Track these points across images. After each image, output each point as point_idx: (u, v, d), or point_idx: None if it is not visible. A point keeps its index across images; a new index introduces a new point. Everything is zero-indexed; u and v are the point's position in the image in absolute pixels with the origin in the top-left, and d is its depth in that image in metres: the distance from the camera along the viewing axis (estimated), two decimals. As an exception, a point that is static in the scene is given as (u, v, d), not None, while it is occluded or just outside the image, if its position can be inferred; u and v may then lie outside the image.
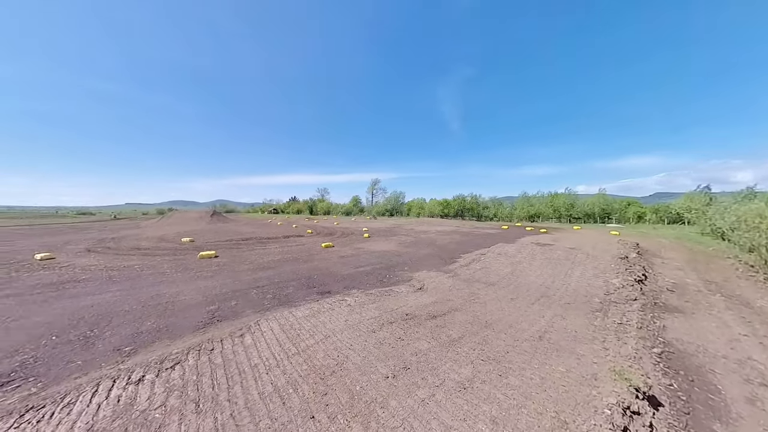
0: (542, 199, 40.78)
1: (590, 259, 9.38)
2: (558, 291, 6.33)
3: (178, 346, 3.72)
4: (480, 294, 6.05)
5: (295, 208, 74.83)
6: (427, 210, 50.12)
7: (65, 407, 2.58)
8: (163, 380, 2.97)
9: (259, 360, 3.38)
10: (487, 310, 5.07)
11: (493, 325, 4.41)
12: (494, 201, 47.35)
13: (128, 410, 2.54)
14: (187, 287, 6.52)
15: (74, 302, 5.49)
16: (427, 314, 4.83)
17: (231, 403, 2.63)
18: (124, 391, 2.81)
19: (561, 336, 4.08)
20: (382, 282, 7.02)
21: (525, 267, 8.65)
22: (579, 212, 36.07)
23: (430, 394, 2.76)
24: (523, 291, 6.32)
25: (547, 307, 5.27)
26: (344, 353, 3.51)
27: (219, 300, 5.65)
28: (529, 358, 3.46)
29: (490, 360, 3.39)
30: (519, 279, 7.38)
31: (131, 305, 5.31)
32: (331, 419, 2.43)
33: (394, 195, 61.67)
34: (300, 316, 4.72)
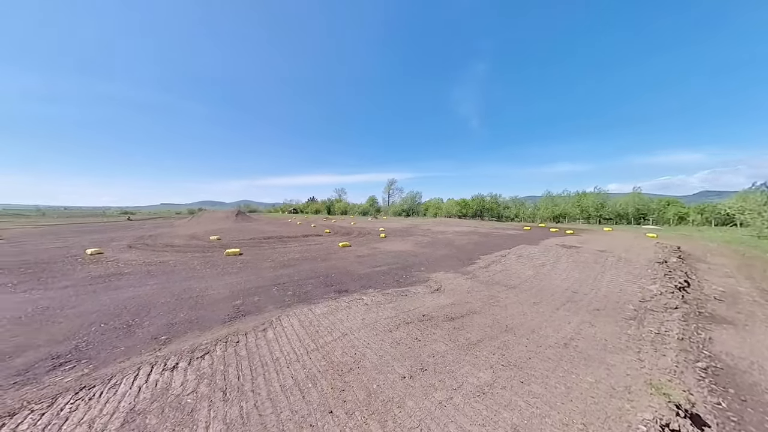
0: (568, 198, 38.52)
1: (623, 263, 8.72)
2: (586, 296, 5.96)
3: (207, 338, 3.97)
4: (500, 297, 5.85)
5: (314, 208, 76.88)
6: (444, 210, 49.28)
7: (112, 388, 2.85)
8: (194, 368, 3.19)
9: (280, 354, 3.51)
10: (507, 314, 4.89)
11: (514, 330, 4.25)
12: (515, 201, 45.47)
13: (164, 394, 2.76)
14: (214, 282, 6.94)
15: (118, 294, 6.04)
16: (445, 316, 4.75)
17: (255, 393, 2.77)
18: (160, 376, 3.05)
19: (589, 344, 3.84)
20: (399, 282, 7.01)
21: (549, 270, 8.23)
22: (610, 213, 33.61)
23: (448, 397, 2.72)
24: (547, 295, 6.03)
25: (574, 313, 4.98)
26: (361, 351, 3.56)
27: (243, 295, 5.95)
28: (554, 365, 3.29)
29: (510, 366, 3.27)
30: (542, 282, 7.04)
31: (166, 298, 5.75)
32: (349, 415, 2.48)
33: (411, 195, 61.33)
34: (318, 313, 4.85)
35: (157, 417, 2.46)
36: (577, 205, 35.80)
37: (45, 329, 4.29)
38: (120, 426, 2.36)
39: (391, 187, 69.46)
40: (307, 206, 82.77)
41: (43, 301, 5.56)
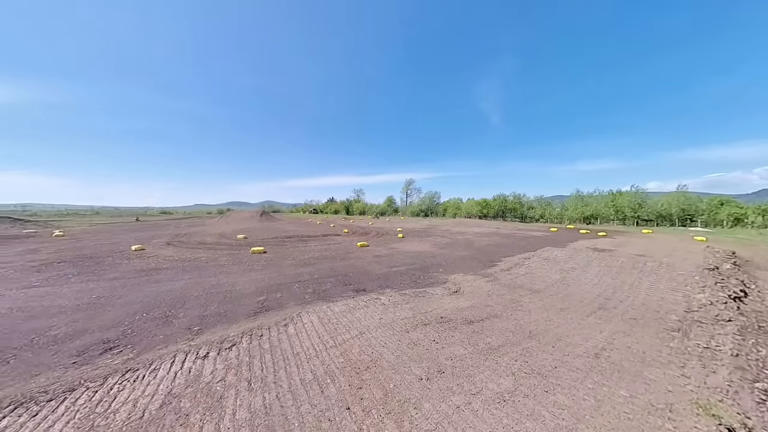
0: (600, 198, 35.79)
1: (665, 269, 7.94)
2: (621, 304, 5.51)
3: (234, 330, 4.22)
4: (523, 301, 5.59)
5: (333, 209, 78.64)
6: (464, 210, 48.06)
7: (152, 372, 3.13)
8: (222, 358, 3.41)
9: (300, 349, 3.64)
10: (531, 320, 4.66)
11: (539, 336, 4.04)
12: (541, 201, 43.18)
13: (197, 380, 2.98)
14: (241, 278, 7.35)
15: (158, 286, 6.62)
16: (463, 319, 4.64)
17: (276, 385, 2.90)
18: (193, 364, 3.29)
19: (624, 356, 3.55)
20: (416, 283, 6.96)
21: (578, 274, 7.72)
22: (650, 213, 30.70)
23: (466, 402, 2.65)
24: (575, 301, 5.66)
25: (606, 321, 4.63)
26: (378, 350, 3.58)
27: (267, 291, 6.24)
28: (582, 376, 3.09)
29: (534, 373, 3.12)
30: (570, 287, 6.62)
31: (198, 292, 6.20)
32: (366, 413, 2.51)
33: (429, 195, 60.58)
34: (337, 311, 4.95)
35: (191, 401, 2.66)
36: (611, 204, 33.08)
37: (98, 316, 4.81)
38: (159, 407, 2.59)
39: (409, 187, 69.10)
40: (326, 206, 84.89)
41: (96, 290, 6.24)
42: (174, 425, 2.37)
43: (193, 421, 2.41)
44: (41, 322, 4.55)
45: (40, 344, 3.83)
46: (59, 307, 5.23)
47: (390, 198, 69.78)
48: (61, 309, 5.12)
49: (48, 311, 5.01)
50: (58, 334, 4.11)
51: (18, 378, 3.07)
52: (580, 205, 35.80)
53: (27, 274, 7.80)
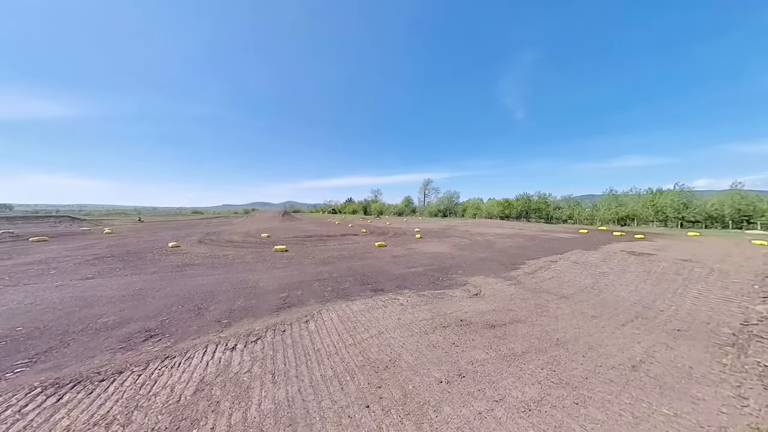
0: (638, 197, 32.89)
1: (716, 276, 7.13)
2: (662, 313, 5.04)
3: (259, 324, 4.43)
4: (549, 307, 5.30)
5: (351, 209, 79.79)
6: (484, 210, 46.55)
7: (187, 360, 3.38)
8: (249, 351, 3.59)
9: (321, 345, 3.74)
10: (558, 326, 4.40)
11: (567, 345, 3.80)
12: (569, 200, 40.60)
13: (226, 370, 3.17)
14: (265, 275, 7.70)
15: (191, 281, 7.12)
16: (485, 322, 4.49)
17: (298, 379, 3.00)
18: (223, 354, 3.50)
19: (666, 370, 3.23)
20: (435, 284, 6.85)
21: (612, 280, 7.17)
22: (697, 214, 27.65)
23: (488, 408, 2.57)
24: (609, 308, 5.26)
25: (646, 332, 4.25)
26: (397, 351, 3.58)
27: (289, 288, 6.48)
28: (618, 389, 2.86)
29: (563, 384, 2.94)
30: (603, 294, 6.16)
31: (227, 287, 6.58)
32: (385, 412, 2.51)
33: (448, 195, 59.40)
34: (356, 310, 5.02)
35: (221, 389, 2.83)
36: (651, 204, 30.22)
37: (140, 306, 5.28)
38: (193, 393, 2.78)
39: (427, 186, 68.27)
40: (344, 207, 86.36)
41: (139, 283, 6.85)
42: (206, 411, 2.53)
43: (223, 409, 2.56)
44: (94, 310, 5.08)
45: (94, 330, 4.28)
46: (108, 297, 5.81)
47: (407, 198, 69.40)
48: (110, 299, 5.68)
49: (100, 301, 5.59)
50: (107, 322, 4.56)
51: (77, 359, 3.45)
52: (614, 205, 33.12)
53: (83, 267, 8.76)
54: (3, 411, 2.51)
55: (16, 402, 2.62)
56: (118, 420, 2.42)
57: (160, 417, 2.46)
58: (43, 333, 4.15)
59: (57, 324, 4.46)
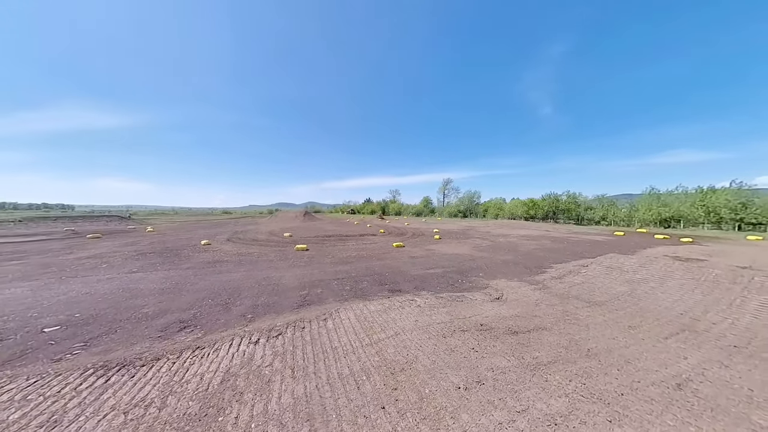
0: (685, 196, 29.68)
1: (784, 287, 6.21)
2: (714, 327, 4.48)
3: (280, 320, 4.61)
4: (579, 315, 4.94)
5: (369, 209, 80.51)
6: (507, 211, 44.68)
7: (215, 351, 3.60)
8: (271, 345, 3.75)
9: (338, 344, 3.80)
10: (589, 336, 4.09)
11: (599, 356, 3.52)
12: (603, 200, 37.67)
13: (249, 363, 3.33)
14: (286, 273, 8.00)
15: (220, 277, 7.59)
16: (507, 328, 4.30)
17: (316, 376, 3.07)
18: (247, 348, 3.69)
19: (720, 391, 2.87)
20: (454, 287, 6.69)
21: (653, 287, 6.52)
22: (759, 215, 24.30)
23: (510, 419, 2.44)
24: (649, 319, 4.79)
25: (695, 347, 3.81)
26: (413, 353, 3.53)
27: (308, 286, 6.67)
28: (659, 409, 2.59)
29: (593, 399, 2.72)
30: (642, 302, 5.62)
31: (251, 283, 6.93)
32: (401, 415, 2.49)
33: (468, 195, 57.85)
34: (373, 310, 5.04)
35: (245, 381, 2.98)
36: (701, 204, 27.08)
37: (176, 299, 5.73)
38: (220, 382, 2.96)
39: (447, 186, 67.00)
40: (363, 207, 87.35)
41: (175, 278, 7.44)
42: (231, 400, 2.68)
43: (247, 399, 2.69)
44: (138, 301, 5.60)
45: (137, 319, 4.71)
46: (149, 290, 6.37)
47: (426, 198, 68.59)
48: (150, 292, 6.23)
49: (142, 293, 6.15)
50: (148, 312, 5.01)
51: (122, 345, 3.82)
52: (656, 206, 30.15)
53: (129, 261, 9.70)
54: (63, 388, 2.84)
55: (73, 380, 2.96)
56: (155, 403, 2.64)
57: (191, 403, 2.64)
58: (96, 320, 4.65)
59: (107, 312, 4.98)
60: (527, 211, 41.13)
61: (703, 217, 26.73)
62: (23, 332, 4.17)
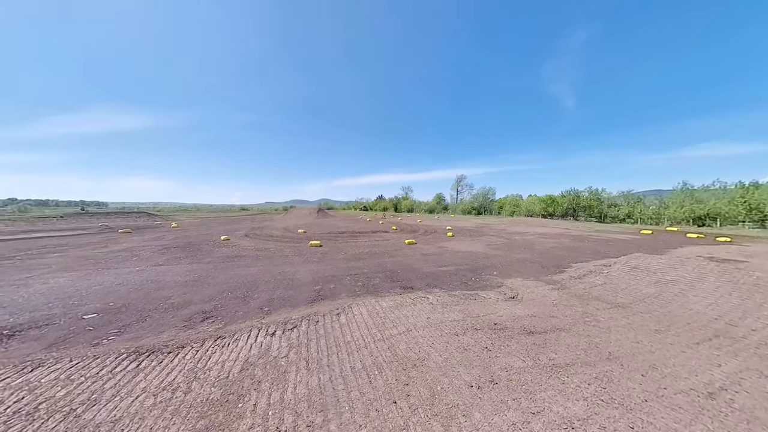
0: (722, 192, 27.38)
1: (838, 292, 5.62)
2: (753, 333, 4.15)
3: (295, 314, 4.75)
4: (600, 316, 4.73)
5: (382, 206, 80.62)
6: (523, 208, 43.21)
7: (234, 341, 3.78)
8: (286, 337, 3.88)
9: (351, 338, 3.87)
10: (610, 339, 3.91)
11: (622, 360, 3.36)
12: (628, 196, 35.51)
13: (266, 354, 3.47)
14: (301, 268, 8.21)
15: (238, 271, 7.92)
16: (522, 328, 4.19)
17: (330, 368, 3.15)
18: (264, 339, 3.84)
19: (758, 402, 2.66)
20: (467, 285, 6.59)
21: (683, 289, 6.11)
22: (810, 213, 22.01)
23: (524, 421, 2.40)
24: (678, 323, 4.50)
25: (730, 354, 3.55)
26: (425, 350, 3.54)
27: (322, 282, 6.82)
28: (688, 419, 2.44)
29: (615, 404, 2.61)
30: (671, 305, 5.29)
31: (268, 278, 7.18)
32: (413, 410, 2.51)
33: (482, 191, 56.48)
34: (385, 306, 5.08)
35: (262, 370, 3.11)
36: (741, 201, 24.85)
37: (198, 291, 6.04)
38: (239, 371, 3.11)
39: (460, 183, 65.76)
40: (375, 204, 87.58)
41: (197, 271, 7.84)
42: (250, 388, 2.81)
43: (264, 388, 2.81)
44: (164, 292, 5.97)
45: (164, 309, 5.02)
46: (175, 282, 6.76)
47: (439, 195, 67.69)
48: (176, 284, 6.61)
49: (168, 285, 6.54)
50: (174, 303, 5.32)
51: (151, 333, 4.10)
52: (689, 202, 28.00)
53: (156, 254, 10.33)
54: (101, 370, 3.09)
55: (110, 363, 3.21)
56: (181, 387, 2.82)
57: (213, 389, 2.80)
58: (128, 308, 5.01)
59: (137, 302, 5.34)
60: (545, 209, 39.58)
61: (743, 214, 24.51)
62: (66, 318, 4.57)
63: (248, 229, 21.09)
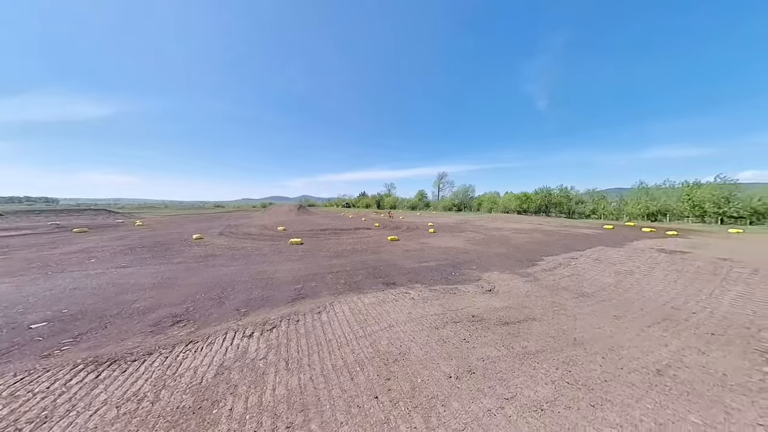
0: (672, 191, 30.53)
1: (759, 278, 6.52)
2: (694, 316, 4.69)
3: (275, 314, 4.62)
4: (567, 305, 5.09)
5: (364, 203, 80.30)
6: (501, 205, 45.21)
7: (208, 345, 3.60)
8: (265, 338, 3.76)
9: (332, 336, 3.84)
10: (576, 326, 4.23)
11: (585, 345, 3.65)
12: (593, 194, 38.42)
13: (243, 356, 3.34)
14: (281, 267, 7.97)
15: (213, 271, 7.52)
16: (497, 319, 4.41)
17: (310, 368, 3.10)
18: (241, 341, 3.69)
19: (696, 376, 3.03)
20: (447, 279, 6.79)
21: (638, 279, 6.75)
22: (741, 209, 25.24)
23: (498, 406, 2.53)
24: (633, 308, 4.97)
25: (674, 335, 3.99)
26: (406, 344, 3.60)
27: (303, 280, 6.68)
28: (640, 394, 2.72)
29: (578, 385, 2.84)
30: (628, 293, 5.83)
31: (245, 277, 6.89)
32: (393, 404, 2.55)
33: (463, 189, 58.20)
34: (367, 303, 5.09)
35: (239, 374, 3.00)
36: (687, 198, 27.92)
37: (168, 294, 5.66)
38: (213, 376, 2.97)
39: (442, 180, 67.18)
40: (358, 201, 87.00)
41: (166, 272, 7.33)
42: (225, 393, 2.70)
43: (241, 392, 2.71)
44: (128, 296, 5.51)
45: (128, 314, 4.65)
46: (140, 285, 6.27)
47: (421, 192, 68.77)
48: (141, 287, 6.13)
49: (132, 288, 6.05)
50: (139, 307, 4.94)
51: (112, 340, 3.78)
52: (644, 200, 30.95)
53: (118, 255, 9.50)
54: (52, 384, 2.80)
55: (63, 376, 2.92)
56: (148, 397, 2.64)
57: (185, 396, 2.65)
58: (85, 315, 4.57)
59: (96, 308, 4.89)
60: (520, 205, 41.72)
61: (688, 210, 27.62)
62: (8, 329, 4.07)
63: (223, 227, 20.05)
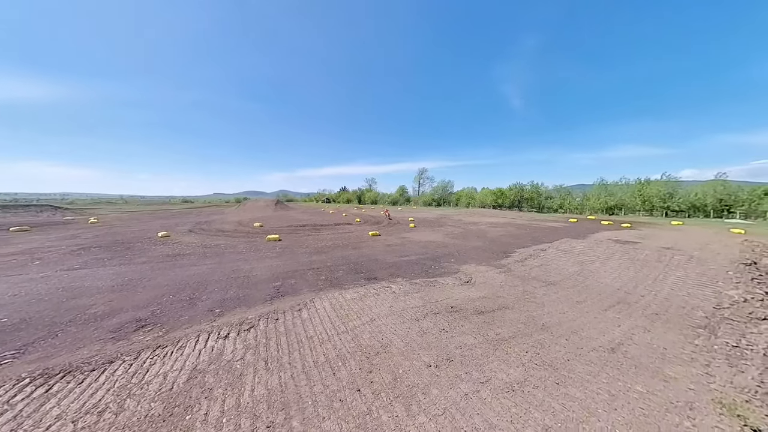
0: (626, 187, 33.71)
1: (694, 263, 7.47)
2: (642, 298, 5.28)
3: (252, 313, 4.45)
4: (537, 293, 5.48)
5: (345, 198, 79.27)
6: (478, 200, 46.96)
7: (179, 349, 3.39)
8: (242, 339, 3.62)
9: (313, 333, 3.80)
10: (544, 312, 4.58)
11: (551, 329, 3.97)
12: (560, 190, 41.27)
13: (219, 358, 3.20)
14: (258, 265, 7.67)
15: (182, 271, 7.04)
16: (474, 309, 4.63)
17: (291, 366, 3.06)
18: (216, 343, 3.53)
19: (642, 351, 3.43)
20: (427, 273, 6.97)
21: (597, 267, 7.43)
22: (681, 204, 28.62)
23: (474, 390, 2.69)
24: (592, 294, 5.48)
25: (626, 316, 4.47)
26: (388, 337, 3.67)
27: (282, 278, 6.49)
28: (596, 370, 3.03)
29: (545, 365, 3.09)
30: (588, 280, 6.39)
31: (219, 276, 6.54)
32: (375, 395, 2.61)
33: (442, 184, 59.52)
34: (349, 298, 5.08)
35: (214, 377, 2.87)
36: (638, 194, 31.06)
37: (130, 297, 5.22)
38: (186, 381, 2.81)
39: (422, 176, 68.11)
40: (339, 196, 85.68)
41: (128, 273, 6.74)
42: (199, 397, 2.57)
43: (216, 395, 2.60)
44: (83, 300, 5.00)
45: (83, 321, 4.22)
46: (97, 288, 5.71)
47: (402, 187, 69.28)
48: (98, 290, 5.59)
49: (88, 291, 5.49)
50: (97, 312, 4.51)
51: (65, 350, 3.42)
52: (603, 195, 33.92)
53: (68, 257, 8.53)
54: (-9, 402, 2.49)
55: (4, 393, 2.60)
56: (111, 408, 2.44)
57: (153, 404, 2.49)
58: (30, 324, 4.08)
59: (44, 315, 4.38)
60: (495, 200, 43.71)
61: (639, 205, 30.78)
62: (-70, 343, 3.52)
63: (193, 223, 18.77)
